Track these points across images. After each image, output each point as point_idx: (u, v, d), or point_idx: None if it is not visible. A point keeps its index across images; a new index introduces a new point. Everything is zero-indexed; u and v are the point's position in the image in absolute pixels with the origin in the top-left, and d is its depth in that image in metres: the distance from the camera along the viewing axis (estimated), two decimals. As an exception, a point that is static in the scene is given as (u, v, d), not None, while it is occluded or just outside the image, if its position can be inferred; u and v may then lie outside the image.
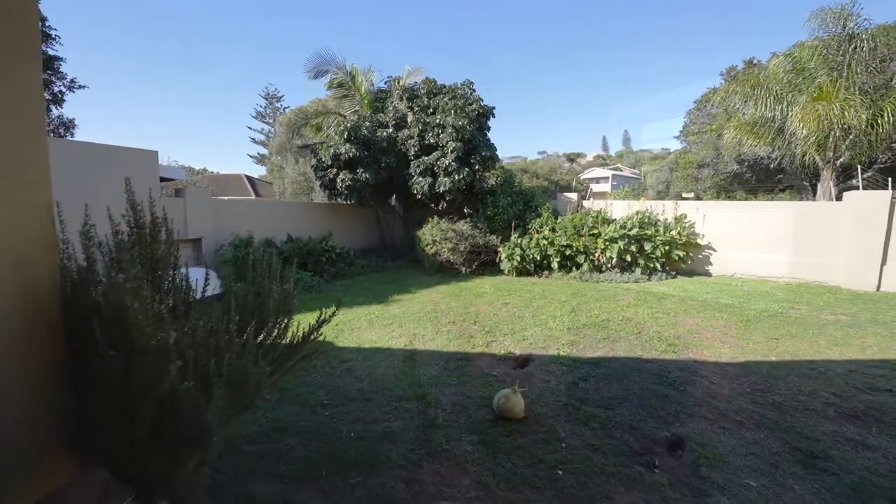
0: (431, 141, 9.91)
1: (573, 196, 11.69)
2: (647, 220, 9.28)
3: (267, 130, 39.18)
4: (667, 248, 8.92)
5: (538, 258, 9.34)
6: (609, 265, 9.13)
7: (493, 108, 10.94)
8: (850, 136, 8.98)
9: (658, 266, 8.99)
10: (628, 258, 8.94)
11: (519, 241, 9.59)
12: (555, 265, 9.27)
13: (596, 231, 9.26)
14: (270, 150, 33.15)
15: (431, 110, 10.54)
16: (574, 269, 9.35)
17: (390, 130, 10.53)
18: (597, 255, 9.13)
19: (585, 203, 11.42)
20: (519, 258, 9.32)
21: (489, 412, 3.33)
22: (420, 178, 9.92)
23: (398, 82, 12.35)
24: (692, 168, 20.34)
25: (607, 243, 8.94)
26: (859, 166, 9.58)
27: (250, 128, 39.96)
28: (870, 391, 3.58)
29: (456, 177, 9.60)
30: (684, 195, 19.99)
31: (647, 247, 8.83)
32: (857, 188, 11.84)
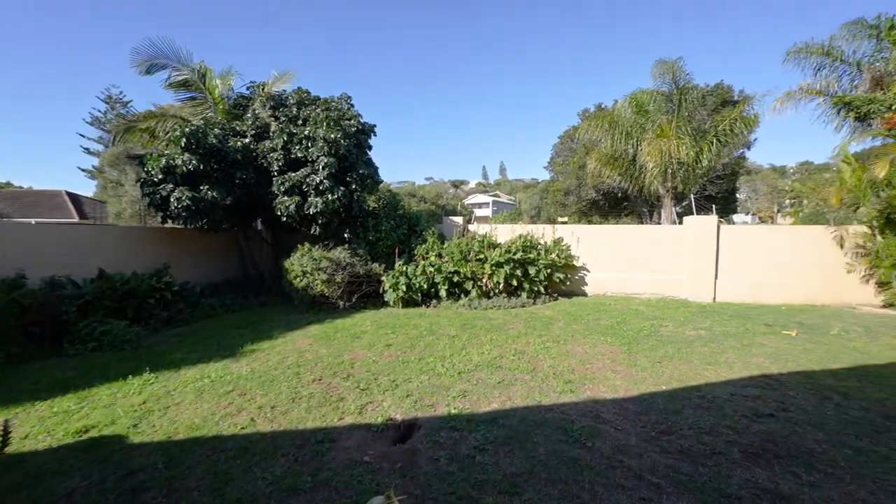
0: (299, 155, 8.53)
1: (459, 220, 11.35)
2: (529, 243, 9.32)
3: (107, 139, 31.99)
4: (549, 270, 9.03)
5: (425, 287, 8.58)
6: (497, 290, 8.85)
7: (374, 125, 10.03)
8: (683, 169, 10.48)
9: (542, 289, 9.03)
10: (514, 283, 8.79)
11: (404, 268, 8.73)
12: (443, 293, 8.63)
13: (482, 256, 8.95)
14: (102, 162, 26.77)
15: (301, 121, 9.18)
16: (462, 296, 8.84)
17: (248, 140, 8.82)
18: (484, 280, 8.79)
19: (471, 227, 11.16)
20: (405, 288, 8.44)
21: (353, 537, 2.25)
22: (286, 198, 8.39)
23: (263, 88, 10.67)
24: (560, 195, 22.45)
25: (494, 268, 8.66)
26: (692, 195, 11.26)
27: (83, 135, 31.53)
28: (756, 418, 3.51)
29: (330, 196, 8.35)
30: (560, 219, 21.85)
31: (532, 270, 8.80)
32: (684, 214, 14.14)
